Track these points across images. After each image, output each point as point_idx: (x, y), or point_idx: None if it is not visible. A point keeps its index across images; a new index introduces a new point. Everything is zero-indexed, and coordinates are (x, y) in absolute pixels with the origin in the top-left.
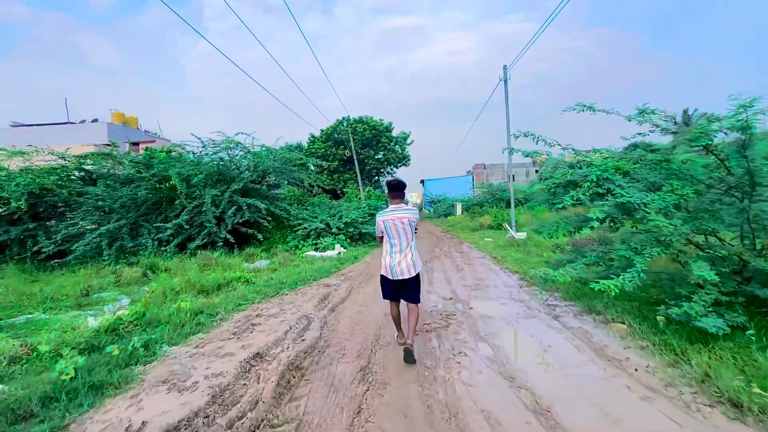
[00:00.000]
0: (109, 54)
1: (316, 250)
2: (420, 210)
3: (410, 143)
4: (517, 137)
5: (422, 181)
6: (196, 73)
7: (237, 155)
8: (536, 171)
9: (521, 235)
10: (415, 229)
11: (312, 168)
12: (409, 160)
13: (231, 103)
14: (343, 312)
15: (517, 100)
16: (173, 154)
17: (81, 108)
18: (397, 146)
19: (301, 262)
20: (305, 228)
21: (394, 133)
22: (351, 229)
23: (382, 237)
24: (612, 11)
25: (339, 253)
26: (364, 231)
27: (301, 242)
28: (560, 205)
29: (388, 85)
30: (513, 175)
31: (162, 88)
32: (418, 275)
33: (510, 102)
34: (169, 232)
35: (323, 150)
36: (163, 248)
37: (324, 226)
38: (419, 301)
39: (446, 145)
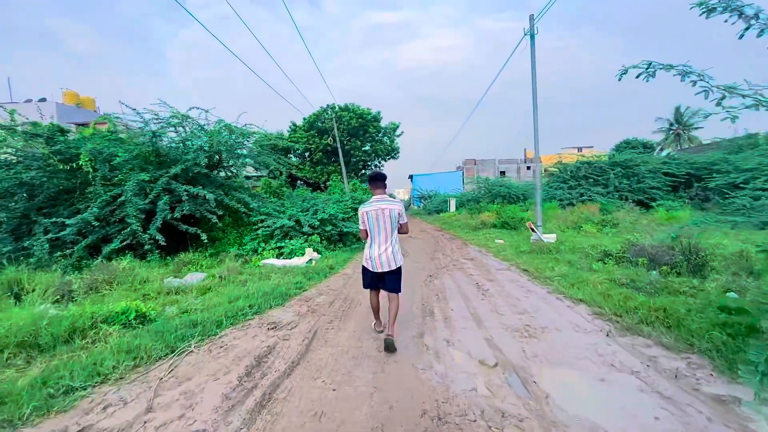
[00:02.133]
0: (87, 41)
1: (279, 256)
2: (408, 206)
3: (400, 135)
4: None
5: (411, 177)
6: (179, 64)
7: (187, 132)
8: (528, 168)
9: (550, 237)
10: (400, 224)
11: (294, 160)
12: (398, 152)
13: (215, 95)
14: (285, 412)
15: (505, 98)
16: (119, 133)
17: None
18: (385, 138)
19: (252, 277)
20: (267, 226)
21: (383, 124)
22: (328, 228)
23: (365, 232)
24: (597, 12)
25: (310, 260)
26: (346, 230)
27: (262, 245)
28: None
29: (375, 81)
30: (542, 166)
31: (143, 78)
32: (399, 267)
33: (498, 100)
34: (70, 230)
35: (305, 139)
36: (66, 252)
37: (293, 223)
38: (399, 291)
39: (434, 143)
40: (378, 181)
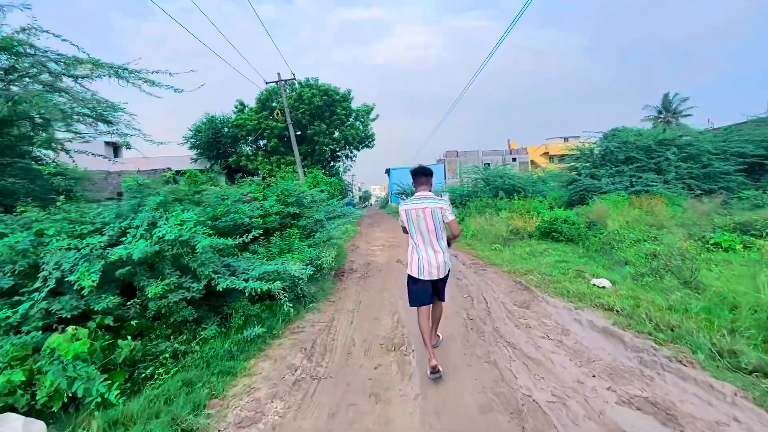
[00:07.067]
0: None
1: None
2: (385, 204)
3: (374, 119)
4: None
5: (387, 171)
6: (141, 61)
7: None
8: (513, 159)
9: None
10: (447, 223)
11: (245, 149)
12: (373, 140)
13: (181, 94)
14: None
15: (477, 96)
16: None
17: None
18: (357, 122)
19: None
20: None
21: (354, 105)
22: (157, 290)
23: (404, 229)
24: (562, 14)
25: None
26: (234, 287)
27: None
28: None
29: (350, 77)
30: (529, 158)
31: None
32: (449, 273)
33: (475, 94)
34: None
35: (255, 122)
36: None
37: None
38: (445, 299)
39: (412, 138)
40: (421, 176)
